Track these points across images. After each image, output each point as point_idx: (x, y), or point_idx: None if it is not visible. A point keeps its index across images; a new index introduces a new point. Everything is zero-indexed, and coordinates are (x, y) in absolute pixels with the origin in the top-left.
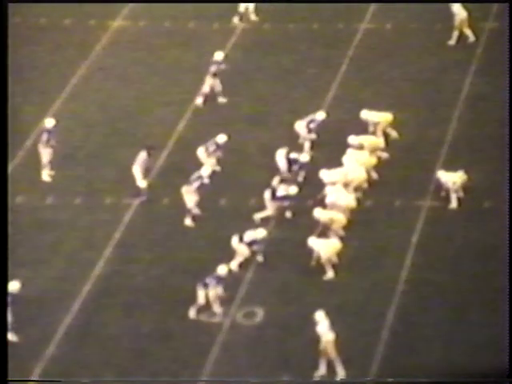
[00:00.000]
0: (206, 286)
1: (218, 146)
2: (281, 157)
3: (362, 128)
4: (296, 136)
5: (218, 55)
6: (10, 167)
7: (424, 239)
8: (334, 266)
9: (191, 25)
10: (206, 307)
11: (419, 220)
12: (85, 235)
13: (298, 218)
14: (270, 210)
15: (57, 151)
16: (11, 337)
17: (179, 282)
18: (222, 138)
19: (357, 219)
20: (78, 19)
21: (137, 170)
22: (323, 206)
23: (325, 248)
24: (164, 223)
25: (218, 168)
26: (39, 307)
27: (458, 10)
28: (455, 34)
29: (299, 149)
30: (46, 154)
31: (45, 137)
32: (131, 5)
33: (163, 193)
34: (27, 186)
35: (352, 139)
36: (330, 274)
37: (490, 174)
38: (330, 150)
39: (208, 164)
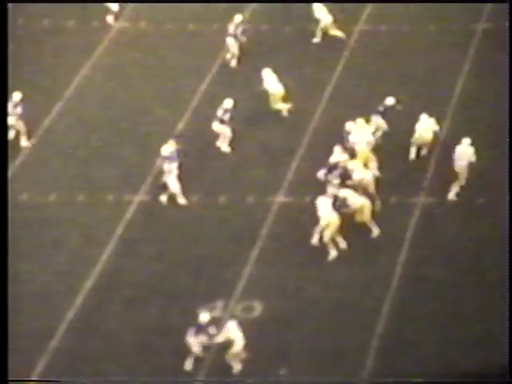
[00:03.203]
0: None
1: (228, 111)
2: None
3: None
4: (293, 134)
5: (238, 18)
6: (15, 165)
7: (418, 235)
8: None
9: (191, 26)
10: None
11: (413, 216)
12: (87, 231)
13: (297, 216)
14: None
15: (60, 149)
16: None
17: (179, 277)
18: (229, 103)
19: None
20: (81, 21)
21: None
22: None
23: (356, 201)
24: (164, 220)
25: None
26: (43, 301)
27: (322, 15)
28: (319, 34)
29: (297, 145)
30: (21, 124)
31: (19, 109)
32: (132, 6)
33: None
34: (31, 184)
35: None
36: (333, 253)
37: (482, 171)
38: (326, 147)
39: (227, 132)
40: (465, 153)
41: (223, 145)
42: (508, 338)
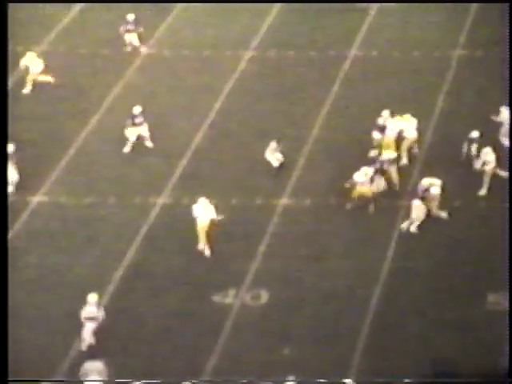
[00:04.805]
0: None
1: (135, 116)
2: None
3: (351, 139)
4: (295, 144)
5: (137, 109)
6: (56, 172)
7: (403, 232)
8: None
9: (206, 52)
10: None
11: (399, 215)
12: (117, 229)
13: (298, 216)
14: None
15: (95, 158)
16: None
17: (196, 268)
18: (137, 109)
19: (349, 216)
20: (114, 48)
21: (269, 156)
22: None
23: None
24: (184, 219)
25: (147, 134)
26: (79, 290)
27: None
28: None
29: (299, 153)
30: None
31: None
32: (158, 35)
33: (183, 194)
34: (69, 188)
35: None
36: (206, 252)
37: (458, 179)
38: (324, 155)
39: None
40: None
41: (147, 142)
42: (508, 338)
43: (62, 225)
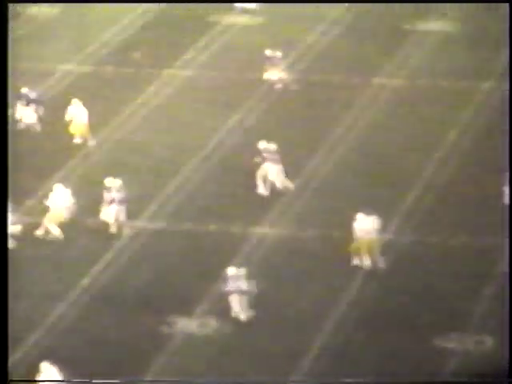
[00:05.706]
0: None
1: (261, 152)
2: None
3: None
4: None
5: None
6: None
7: None
8: None
9: (444, 83)
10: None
11: None
12: (335, 264)
13: None
14: None
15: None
16: None
17: (418, 308)
18: (262, 145)
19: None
20: (344, 79)
21: (505, 188)
22: None
23: None
24: (401, 257)
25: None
26: (297, 325)
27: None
28: None
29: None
30: None
31: None
32: (392, 64)
33: (401, 230)
34: (294, 220)
35: None
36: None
37: None
38: None
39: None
40: None
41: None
42: (508, 338)
43: (285, 258)
